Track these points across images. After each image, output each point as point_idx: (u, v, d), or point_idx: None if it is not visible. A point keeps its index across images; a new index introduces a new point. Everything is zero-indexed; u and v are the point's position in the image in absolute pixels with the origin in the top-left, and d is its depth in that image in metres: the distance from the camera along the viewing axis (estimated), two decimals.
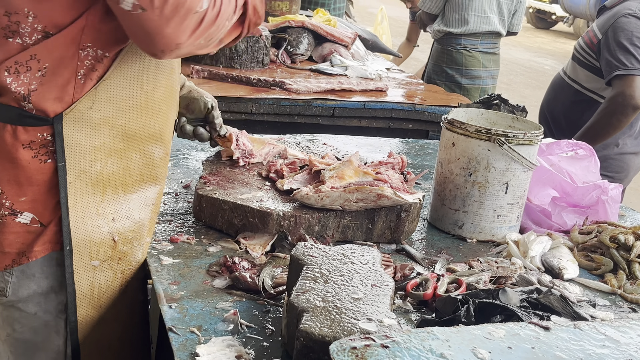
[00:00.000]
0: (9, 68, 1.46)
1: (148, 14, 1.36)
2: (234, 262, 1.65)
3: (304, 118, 3.27)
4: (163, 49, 1.41)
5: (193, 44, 1.45)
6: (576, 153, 2.24)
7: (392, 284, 1.41)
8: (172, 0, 1.36)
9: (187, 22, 1.40)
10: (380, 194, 1.80)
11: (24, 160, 1.50)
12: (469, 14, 4.26)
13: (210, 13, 1.43)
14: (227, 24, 1.50)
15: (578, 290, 1.73)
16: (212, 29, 1.46)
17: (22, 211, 1.52)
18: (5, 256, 1.55)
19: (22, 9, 1.43)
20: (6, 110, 1.49)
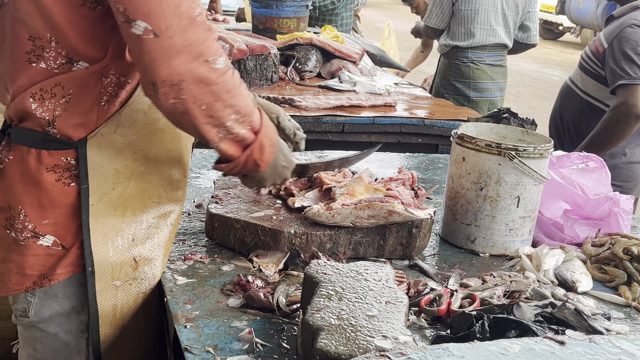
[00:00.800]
0: (34, 94, 1.49)
1: (159, 41, 1.34)
2: (248, 280, 1.66)
3: (314, 134, 3.28)
4: (165, 79, 1.36)
5: (194, 101, 1.38)
6: (587, 165, 2.24)
7: (406, 301, 1.42)
8: (187, 35, 1.35)
9: (197, 64, 1.36)
10: (391, 210, 1.80)
11: (47, 183, 1.52)
12: (475, 27, 4.28)
13: (223, 78, 1.40)
14: (233, 116, 1.44)
15: (592, 304, 1.73)
16: (219, 104, 1.40)
17: (44, 234, 1.54)
18: (26, 278, 1.57)
19: (45, 34, 1.46)
20: (30, 135, 1.52)
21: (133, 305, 1.65)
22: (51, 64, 1.48)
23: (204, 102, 1.39)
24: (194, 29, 1.36)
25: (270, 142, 1.57)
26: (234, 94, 1.43)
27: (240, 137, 1.49)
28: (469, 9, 4.28)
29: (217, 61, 1.39)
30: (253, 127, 1.51)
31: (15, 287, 1.59)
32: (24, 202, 1.53)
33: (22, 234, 1.54)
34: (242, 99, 1.46)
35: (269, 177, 1.66)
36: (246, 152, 1.52)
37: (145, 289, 1.67)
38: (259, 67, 3.66)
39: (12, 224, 1.54)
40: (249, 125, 1.49)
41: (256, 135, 1.52)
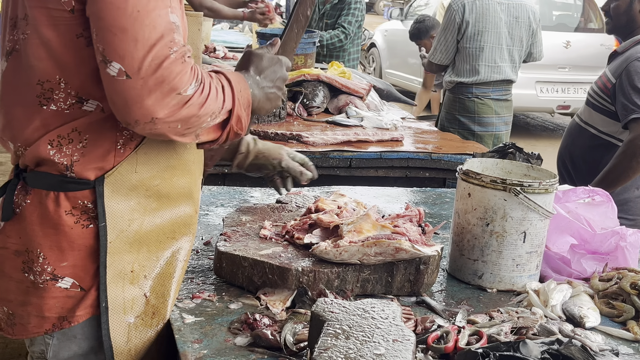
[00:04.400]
0: (51, 141, 1.52)
1: (132, 82, 1.37)
2: (255, 319, 1.67)
3: (322, 170, 3.29)
4: (138, 119, 1.40)
5: (169, 125, 1.43)
6: (593, 199, 2.24)
7: (413, 338, 1.42)
8: (158, 74, 1.38)
9: (169, 100, 1.40)
10: (398, 247, 1.82)
11: (66, 226, 1.54)
12: (480, 64, 4.32)
13: (194, 100, 1.44)
14: (208, 120, 1.50)
15: (600, 339, 1.72)
16: (193, 119, 1.46)
17: (63, 276, 1.56)
18: (45, 321, 1.58)
19: (54, 76, 1.49)
20: (48, 178, 1.55)
21: (147, 342, 1.66)
22: (61, 105, 1.51)
23: (179, 123, 1.45)
24: (167, 66, 1.39)
25: (245, 107, 1.61)
26: (205, 105, 1.47)
27: (216, 125, 1.56)
28: (474, 46, 4.32)
29: (188, 89, 1.42)
30: (226, 109, 1.55)
31: (34, 330, 1.60)
32: (43, 245, 1.55)
33: (40, 276, 1.55)
34: (214, 101, 1.49)
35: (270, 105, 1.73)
36: (226, 130, 1.58)
37: (158, 325, 1.68)
38: None
39: (31, 267, 1.56)
40: (223, 113, 1.54)
41: (231, 113, 1.56)
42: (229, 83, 1.56)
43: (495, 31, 4.32)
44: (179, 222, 1.71)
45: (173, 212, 1.69)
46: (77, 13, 1.45)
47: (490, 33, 4.31)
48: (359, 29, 6.02)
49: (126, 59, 1.37)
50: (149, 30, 1.37)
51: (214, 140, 1.59)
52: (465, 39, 4.33)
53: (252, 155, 2.15)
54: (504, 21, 4.35)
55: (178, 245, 1.71)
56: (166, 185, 1.65)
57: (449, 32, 4.39)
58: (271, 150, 2.19)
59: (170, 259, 1.69)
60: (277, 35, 4.82)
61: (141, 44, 1.37)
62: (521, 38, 4.42)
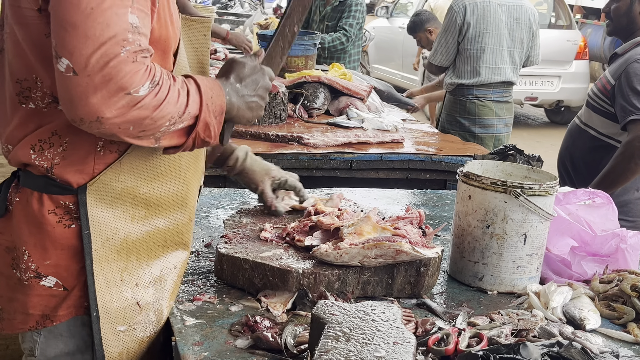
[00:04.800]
0: (33, 146, 1.53)
1: (78, 79, 1.34)
2: (256, 321, 1.67)
3: (322, 172, 3.31)
4: (82, 117, 1.36)
5: (119, 126, 1.39)
6: (593, 201, 2.24)
7: (413, 341, 1.42)
8: (105, 72, 1.34)
9: (116, 99, 1.36)
10: (398, 249, 1.82)
11: (49, 225, 1.55)
12: (481, 66, 4.32)
13: (147, 101, 1.39)
14: (166, 123, 1.44)
15: (600, 341, 1.72)
16: (147, 121, 1.40)
17: (46, 275, 1.57)
18: (30, 318, 1.60)
19: (31, 75, 1.50)
20: (33, 179, 1.56)
21: (138, 350, 1.66)
22: (39, 104, 1.51)
23: (130, 124, 1.40)
24: (115, 65, 1.35)
25: (215, 114, 1.54)
26: (162, 107, 1.42)
27: (179, 129, 1.49)
28: (475, 48, 4.32)
29: (140, 89, 1.38)
30: (192, 114, 1.49)
31: (19, 326, 1.62)
32: (28, 242, 1.56)
33: (25, 273, 1.57)
34: (172, 105, 1.44)
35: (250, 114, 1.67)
36: (191, 136, 1.52)
37: (150, 333, 1.68)
38: (267, 105, 3.70)
39: (18, 264, 1.57)
40: (186, 119, 1.48)
41: (197, 118, 1.51)
42: (197, 88, 1.51)
43: (496, 33, 4.32)
44: (172, 230, 1.70)
45: (164, 220, 1.68)
46: (43, 12, 1.44)
47: (491, 35, 4.31)
48: (359, 31, 6.03)
49: (74, 55, 1.34)
50: (101, 28, 1.34)
51: (178, 146, 1.53)
52: (466, 40, 4.33)
53: (237, 171, 2.15)
54: (505, 23, 4.35)
55: (171, 254, 1.71)
56: (155, 193, 1.64)
57: (450, 33, 4.39)
58: (256, 173, 2.16)
59: (164, 268, 1.69)
60: None
61: (91, 40, 1.33)
62: (522, 40, 4.42)
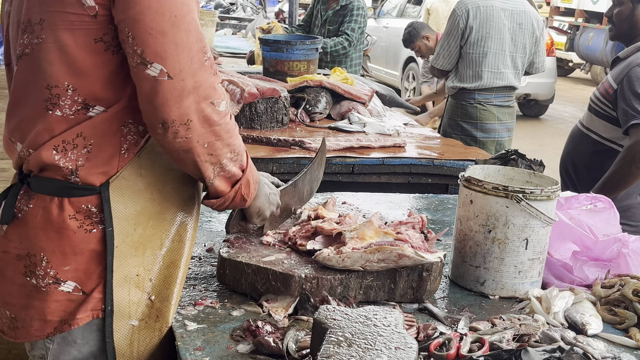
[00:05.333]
0: (57, 147, 1.54)
1: (173, 83, 1.44)
2: (257, 326, 1.67)
3: (324, 176, 3.27)
4: (175, 118, 1.47)
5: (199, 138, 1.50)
6: (595, 206, 2.24)
7: (415, 346, 1.43)
8: (197, 78, 1.45)
9: (204, 105, 1.48)
10: (401, 253, 1.82)
11: (70, 230, 1.56)
12: (483, 70, 4.32)
13: (225, 120, 1.53)
14: (229, 155, 1.58)
15: (602, 346, 1.72)
16: (219, 143, 1.53)
17: (65, 280, 1.58)
18: (48, 324, 1.60)
19: (63, 82, 1.52)
20: (52, 183, 1.57)
21: (150, 344, 1.68)
22: (66, 111, 1.53)
23: (207, 141, 1.51)
24: (203, 73, 1.47)
25: (254, 179, 1.71)
26: (232, 134, 1.56)
27: (231, 174, 1.62)
28: (477, 52, 4.32)
29: (221, 104, 1.50)
30: (242, 165, 1.64)
31: (36, 334, 1.62)
32: (46, 249, 1.57)
33: (43, 280, 1.57)
34: (238, 139, 1.59)
35: (265, 206, 1.83)
36: (235, 188, 1.64)
37: (162, 328, 1.69)
38: (269, 109, 3.71)
39: (33, 270, 1.57)
40: (239, 163, 1.63)
41: (244, 172, 1.65)
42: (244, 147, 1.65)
43: (498, 37, 4.32)
44: (180, 225, 1.72)
45: (174, 216, 1.70)
46: (99, 19, 1.49)
47: (494, 39, 4.31)
48: (361, 35, 6.03)
49: (168, 60, 1.44)
50: (186, 34, 1.45)
51: (222, 194, 1.64)
52: (468, 44, 4.34)
53: None
54: (508, 27, 4.35)
55: (180, 249, 1.72)
56: (169, 189, 1.67)
57: (452, 37, 4.39)
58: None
59: (174, 262, 1.71)
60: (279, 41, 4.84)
61: (180, 47, 1.44)
62: (524, 45, 4.41)
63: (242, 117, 3.67)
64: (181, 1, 1.46)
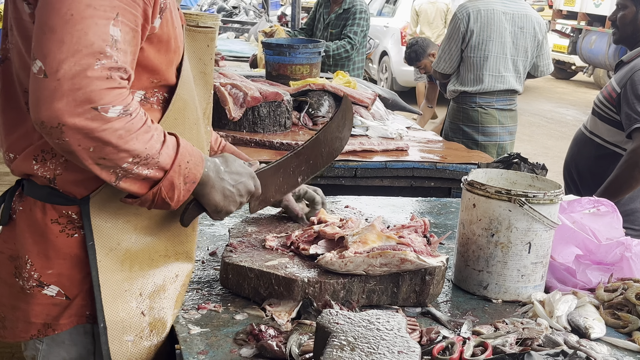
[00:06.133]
0: (36, 156, 1.54)
1: (47, 81, 1.34)
2: (261, 330, 1.67)
3: (327, 179, 3.31)
4: (44, 120, 1.35)
5: (79, 142, 1.37)
6: (598, 210, 2.24)
7: (418, 350, 1.43)
8: (75, 81, 1.34)
9: (81, 110, 1.34)
10: (403, 258, 1.82)
11: (52, 234, 1.56)
12: (484, 73, 4.32)
13: (114, 125, 1.38)
14: (129, 160, 1.43)
15: (605, 350, 1.72)
16: (109, 148, 1.39)
17: (49, 284, 1.58)
18: (31, 326, 1.61)
19: None
20: (37, 188, 1.57)
21: (148, 356, 1.67)
22: None
23: (90, 145, 1.38)
24: (87, 76, 1.35)
25: (187, 179, 1.55)
26: (128, 139, 1.40)
27: (143, 176, 1.48)
28: (478, 56, 4.32)
29: (110, 109, 1.37)
30: (161, 167, 1.49)
31: (21, 334, 1.63)
32: (31, 251, 1.57)
33: (28, 282, 1.58)
34: (141, 143, 1.43)
35: (222, 202, 1.67)
36: (153, 190, 1.50)
37: (157, 342, 1.69)
38: (272, 113, 3.71)
39: (20, 272, 1.59)
40: (154, 166, 1.47)
41: (166, 172, 1.50)
42: (176, 145, 1.51)
43: (499, 41, 4.32)
44: (174, 240, 1.71)
45: (167, 230, 1.70)
46: None
47: (495, 42, 4.32)
48: (364, 39, 6.04)
49: (48, 58, 1.34)
50: (78, 35, 1.34)
51: (137, 195, 1.51)
52: (469, 48, 4.34)
53: None
54: (509, 31, 4.35)
55: (174, 264, 1.72)
56: None
57: (453, 40, 4.40)
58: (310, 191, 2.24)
59: (166, 277, 1.70)
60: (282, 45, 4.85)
61: (66, 46, 1.34)
62: (526, 48, 4.41)
63: (245, 121, 3.67)
64: (87, 3, 1.36)
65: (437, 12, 12.16)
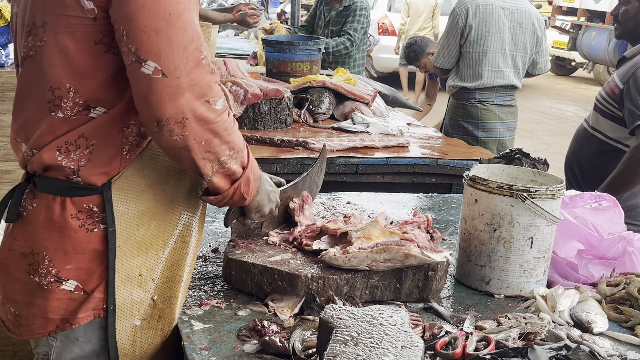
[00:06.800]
0: (59, 147, 1.55)
1: (167, 80, 1.43)
2: (264, 326, 1.67)
3: (328, 176, 3.29)
4: (170, 116, 1.45)
5: (195, 136, 1.48)
6: (600, 204, 2.24)
7: (421, 345, 1.43)
8: (192, 76, 1.44)
9: (199, 104, 1.46)
10: (407, 253, 1.82)
11: (71, 229, 1.57)
12: (483, 68, 4.31)
13: (222, 118, 1.51)
14: (228, 152, 1.56)
15: (608, 344, 1.73)
16: (217, 140, 1.52)
17: (67, 279, 1.59)
18: (49, 322, 1.62)
19: (64, 84, 1.52)
20: (55, 183, 1.58)
21: (152, 344, 1.68)
22: (68, 113, 1.54)
23: (204, 138, 1.50)
24: (199, 71, 1.46)
25: (255, 176, 1.70)
26: (230, 132, 1.54)
27: (231, 172, 1.60)
28: (477, 51, 4.32)
29: (217, 102, 1.49)
30: (243, 162, 1.62)
31: (38, 331, 1.63)
32: (49, 247, 1.58)
33: (45, 278, 1.58)
34: (237, 136, 1.58)
35: (264, 203, 1.81)
36: (234, 186, 1.63)
37: (164, 328, 1.70)
38: (273, 110, 3.71)
39: (36, 269, 1.59)
40: (240, 161, 1.61)
41: (244, 170, 1.63)
42: (245, 143, 1.63)
43: (498, 36, 4.31)
44: (186, 226, 1.72)
45: (179, 216, 1.71)
46: (99, 21, 1.49)
47: (494, 38, 4.31)
48: (364, 36, 6.03)
49: (162, 58, 1.42)
50: (181, 32, 1.44)
51: (221, 191, 1.63)
52: (468, 43, 4.33)
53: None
54: (508, 26, 4.34)
55: (184, 249, 1.73)
56: (173, 188, 1.68)
57: (452, 36, 4.39)
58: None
59: (178, 263, 1.71)
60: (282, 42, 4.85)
61: (175, 45, 1.43)
62: (525, 44, 4.40)
63: (246, 118, 3.68)
64: (177, 0, 1.45)
65: (427, 6, 12.81)
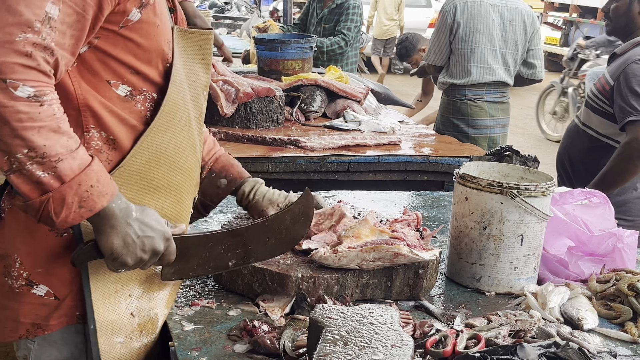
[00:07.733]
0: None
1: None
2: (254, 325, 1.67)
3: (320, 174, 3.31)
4: None
5: None
6: (590, 201, 2.25)
7: (411, 343, 1.43)
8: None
9: None
10: (396, 252, 1.82)
11: (41, 232, 1.55)
12: (472, 65, 4.31)
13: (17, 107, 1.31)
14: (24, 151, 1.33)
15: (598, 341, 1.73)
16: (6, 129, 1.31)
17: (38, 283, 1.57)
18: (20, 326, 1.60)
19: None
20: None
21: (138, 357, 1.67)
22: None
23: None
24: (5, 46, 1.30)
25: (82, 202, 1.41)
26: (28, 127, 1.32)
27: (35, 178, 1.36)
28: (465, 47, 4.31)
29: (19, 87, 1.31)
30: (58, 174, 1.37)
31: (10, 334, 1.61)
32: (20, 250, 1.56)
33: (17, 281, 1.57)
34: (42, 137, 1.34)
35: (120, 249, 1.49)
36: (41, 198, 1.38)
37: (147, 342, 1.68)
38: (264, 109, 3.71)
39: (9, 271, 1.57)
40: (50, 171, 1.36)
41: (62, 184, 1.38)
42: (85, 164, 1.41)
43: (486, 32, 4.31)
44: None
45: None
46: None
47: (482, 34, 4.30)
48: (357, 34, 6.03)
49: None
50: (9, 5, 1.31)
51: (25, 197, 1.39)
52: (457, 40, 4.33)
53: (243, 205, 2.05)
54: (497, 23, 4.33)
55: None
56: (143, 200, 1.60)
57: (441, 32, 4.39)
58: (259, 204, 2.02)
59: (151, 277, 1.68)
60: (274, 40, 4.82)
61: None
62: (515, 41, 4.38)
63: (237, 117, 3.67)
64: None
65: (393, 1, 13.38)
